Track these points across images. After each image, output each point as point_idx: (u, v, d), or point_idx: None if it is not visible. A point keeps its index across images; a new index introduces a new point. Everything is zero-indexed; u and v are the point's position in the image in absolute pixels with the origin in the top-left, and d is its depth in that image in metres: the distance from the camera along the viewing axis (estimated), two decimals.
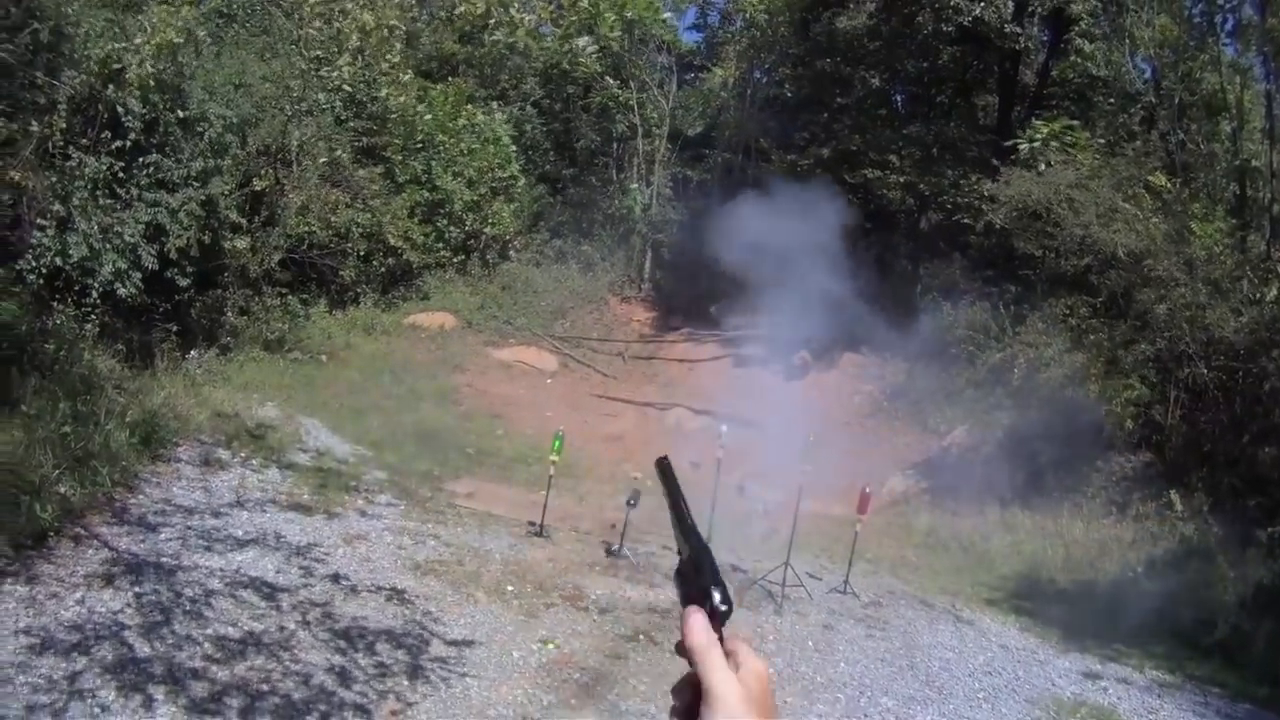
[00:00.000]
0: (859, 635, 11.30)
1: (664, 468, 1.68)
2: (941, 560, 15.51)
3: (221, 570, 9.46)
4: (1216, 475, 15.89)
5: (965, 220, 24.00)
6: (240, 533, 10.67)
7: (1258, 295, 17.01)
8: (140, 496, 11.07)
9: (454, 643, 9.04)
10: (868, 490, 13.25)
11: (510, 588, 10.87)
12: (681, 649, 1.47)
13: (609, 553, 12.81)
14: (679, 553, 1.57)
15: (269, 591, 9.22)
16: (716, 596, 1.47)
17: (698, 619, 1.47)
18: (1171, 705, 10.38)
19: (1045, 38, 27.75)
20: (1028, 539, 16.11)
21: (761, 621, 11.26)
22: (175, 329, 16.74)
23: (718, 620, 1.46)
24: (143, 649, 7.60)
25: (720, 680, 1.43)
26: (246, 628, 8.36)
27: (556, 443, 13.42)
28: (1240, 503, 15.13)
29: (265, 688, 7.45)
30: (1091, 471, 17.26)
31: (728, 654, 1.46)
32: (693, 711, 1.44)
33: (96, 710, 6.68)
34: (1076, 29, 25.03)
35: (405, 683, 8.02)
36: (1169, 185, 19.28)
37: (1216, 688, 11.16)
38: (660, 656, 9.70)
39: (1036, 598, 13.77)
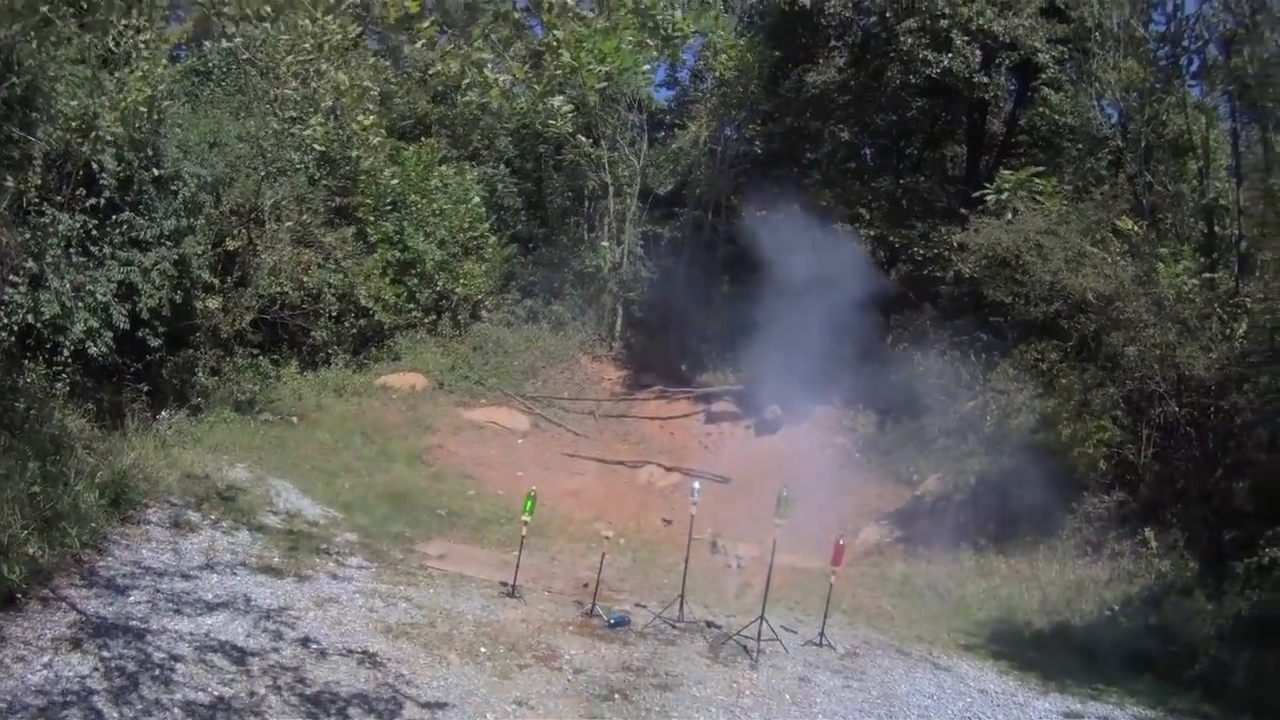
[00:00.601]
0: (836, 686, 11.27)
1: None
2: (917, 608, 15.49)
3: (191, 634, 9.37)
4: (1191, 511, 15.92)
5: (935, 272, 24.12)
6: (210, 596, 10.58)
7: (1227, 332, 17.11)
8: (109, 558, 10.98)
9: (427, 705, 8.98)
10: (841, 542, 13.29)
11: (483, 649, 10.82)
12: None
13: (588, 614, 12.75)
14: None
15: (239, 656, 9.13)
16: None
17: None
18: None
19: (1012, 87, 27.97)
20: (1003, 583, 16.13)
21: (737, 676, 11.22)
22: (146, 389, 16.65)
23: None
24: (111, 714, 7.51)
25: None
26: (216, 693, 8.28)
27: (529, 503, 13.41)
28: (1215, 537, 15.15)
29: None
30: (1065, 514, 17.28)
31: None
32: None
33: None
34: (1043, 77, 25.24)
35: None
36: (1136, 228, 19.42)
37: None
38: (636, 715, 9.67)
39: (1014, 641, 13.79)
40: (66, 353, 14.54)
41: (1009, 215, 21.02)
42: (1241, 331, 16.95)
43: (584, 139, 30.10)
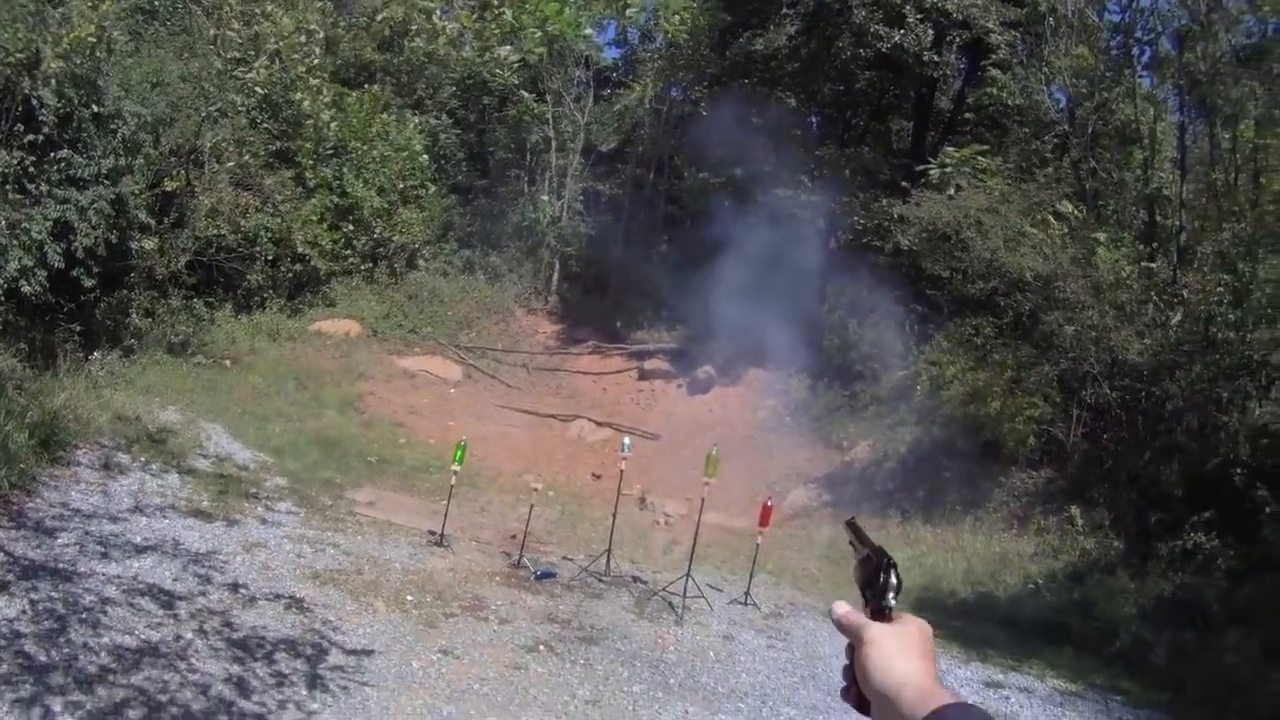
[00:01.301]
0: (760, 645, 11.37)
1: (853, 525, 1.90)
2: (843, 572, 15.51)
3: (119, 577, 9.29)
4: (1118, 491, 16.19)
5: (874, 242, 24.23)
6: (139, 539, 10.47)
7: (1162, 319, 17.35)
8: (38, 500, 10.85)
9: (353, 652, 8.96)
10: (769, 503, 13.35)
11: (410, 597, 10.81)
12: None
13: (516, 565, 12.79)
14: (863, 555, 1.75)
15: (166, 599, 9.06)
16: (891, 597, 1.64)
17: (840, 604, 1.65)
18: (1074, 713, 10.54)
19: (962, 66, 28.13)
20: (929, 552, 16.32)
21: (662, 632, 11.27)
22: (79, 329, 16.43)
23: (887, 614, 1.62)
24: (39, 657, 7.46)
25: (868, 625, 1.59)
26: (144, 636, 8.21)
27: (459, 452, 13.37)
28: (1142, 518, 15.43)
29: (164, 698, 7.32)
30: (993, 487, 17.51)
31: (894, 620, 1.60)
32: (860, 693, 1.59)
33: None
34: (993, 58, 25.34)
35: (304, 692, 7.94)
36: (1077, 212, 19.61)
37: (1118, 695, 11.37)
38: (560, 667, 9.70)
39: (937, 609, 13.90)
40: None
41: (951, 191, 21.13)
42: (1177, 320, 17.22)
43: (528, 94, 29.93)
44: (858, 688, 1.58)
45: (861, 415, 22.08)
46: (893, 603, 1.63)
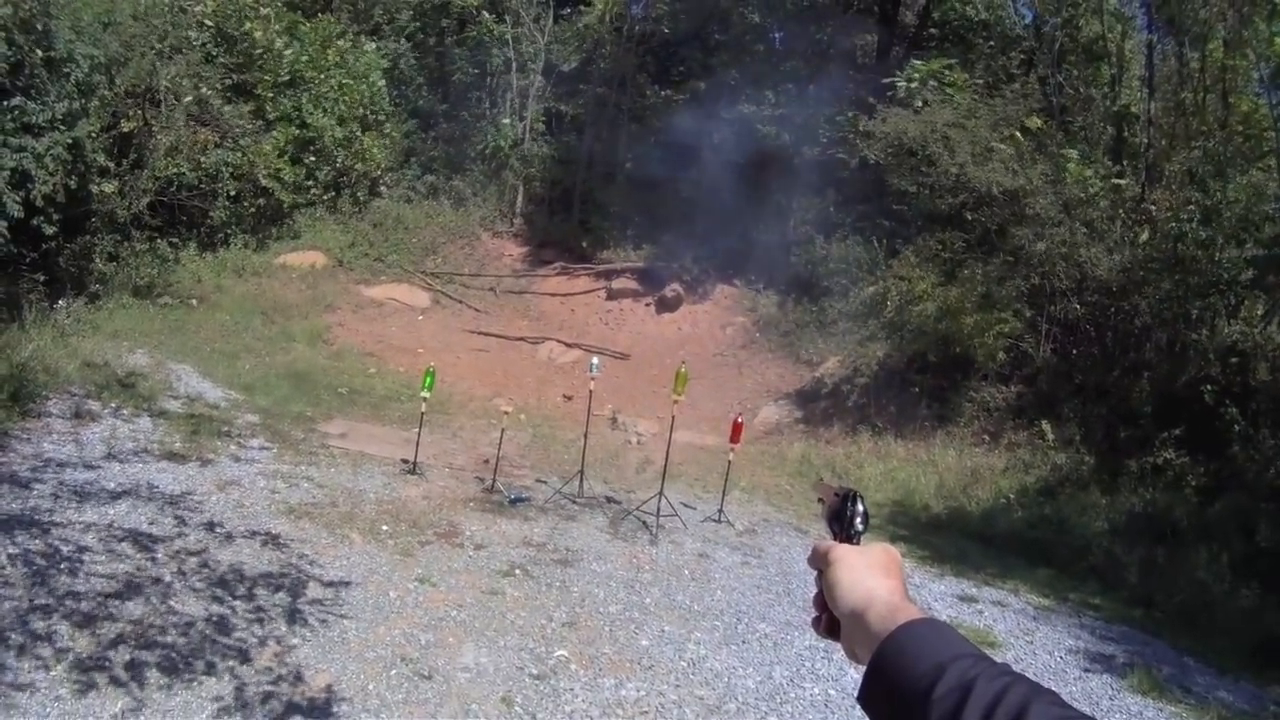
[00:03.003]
0: (735, 563, 11.41)
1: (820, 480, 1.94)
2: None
3: (95, 524, 9.27)
4: (1088, 407, 16.30)
5: (840, 155, 24.15)
6: (113, 485, 10.43)
7: (1131, 236, 17.41)
8: (10, 454, 10.77)
9: (330, 584, 8.95)
10: (740, 420, 13.34)
11: (385, 527, 10.80)
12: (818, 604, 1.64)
13: (489, 490, 12.80)
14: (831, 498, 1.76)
15: (144, 542, 9.05)
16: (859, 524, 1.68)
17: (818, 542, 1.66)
18: (1048, 627, 10.63)
19: None
20: (900, 467, 16.41)
21: (637, 552, 11.30)
22: (43, 278, 16.24)
23: (856, 543, 1.66)
24: (23, 606, 7.45)
25: (835, 546, 1.62)
26: (124, 580, 8.21)
27: (428, 379, 13.33)
28: (1111, 433, 15.56)
29: (146, 639, 7.34)
30: (964, 402, 17.62)
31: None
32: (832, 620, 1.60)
33: None
34: None
35: (283, 628, 7.94)
36: (1045, 127, 19.59)
37: (1091, 610, 11.46)
38: (536, 590, 9.71)
39: (910, 524, 14.04)
40: None
41: (918, 104, 21.05)
42: (1145, 238, 17.26)
43: (488, 15, 29.66)
44: (829, 615, 1.58)
45: (831, 331, 22.16)
46: (860, 528, 1.66)
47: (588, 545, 11.27)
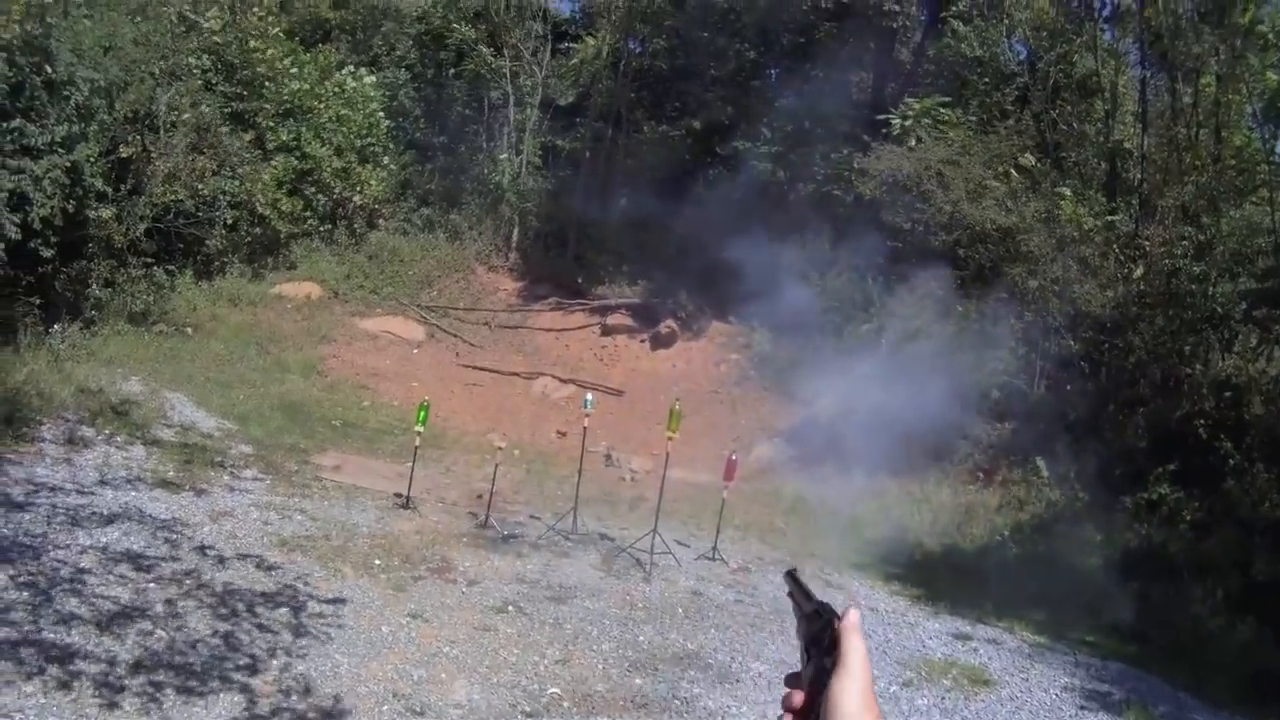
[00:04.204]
0: (728, 601, 11.40)
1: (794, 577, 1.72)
2: (809, 526, 15.64)
3: (90, 548, 9.24)
4: (1082, 444, 16.29)
5: (835, 191, 24.16)
6: (105, 512, 10.43)
7: (1125, 272, 17.44)
8: (4, 477, 10.81)
9: (323, 611, 8.94)
10: (734, 457, 13.36)
11: (378, 561, 10.80)
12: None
13: (482, 525, 12.77)
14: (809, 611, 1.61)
15: (139, 566, 9.04)
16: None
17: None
18: (1043, 665, 10.60)
19: (923, 17, 28.03)
20: (895, 504, 16.40)
21: (630, 589, 11.29)
22: (38, 302, 16.15)
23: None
24: (31, 629, 7.43)
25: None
26: (112, 607, 8.19)
27: (422, 413, 13.37)
28: (1106, 470, 15.53)
29: (152, 660, 7.33)
30: (958, 439, 17.59)
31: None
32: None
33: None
34: (953, 9, 25.26)
35: (273, 661, 7.90)
36: (1039, 164, 19.64)
37: (1086, 647, 11.45)
38: (529, 627, 9.70)
39: (905, 562, 14.03)
40: None
41: (912, 142, 21.09)
42: (1139, 273, 17.30)
43: (486, 49, 29.74)
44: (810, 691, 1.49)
45: (826, 368, 22.10)
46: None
47: (581, 582, 11.26)
